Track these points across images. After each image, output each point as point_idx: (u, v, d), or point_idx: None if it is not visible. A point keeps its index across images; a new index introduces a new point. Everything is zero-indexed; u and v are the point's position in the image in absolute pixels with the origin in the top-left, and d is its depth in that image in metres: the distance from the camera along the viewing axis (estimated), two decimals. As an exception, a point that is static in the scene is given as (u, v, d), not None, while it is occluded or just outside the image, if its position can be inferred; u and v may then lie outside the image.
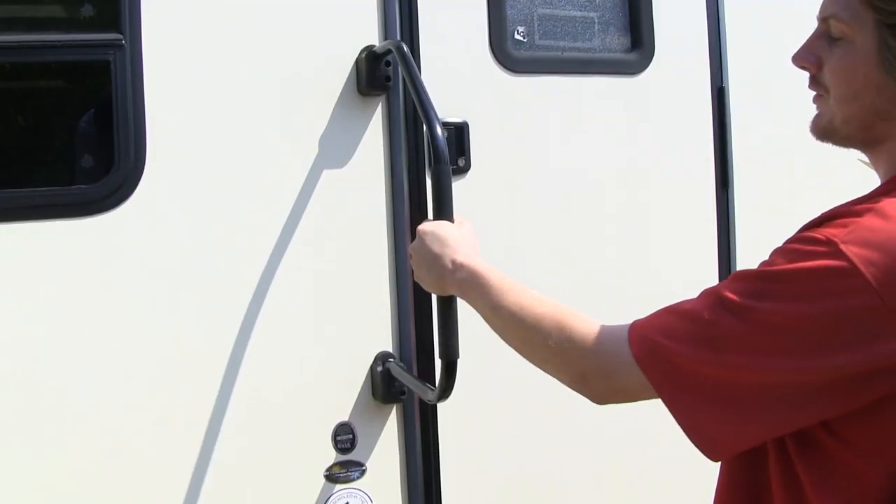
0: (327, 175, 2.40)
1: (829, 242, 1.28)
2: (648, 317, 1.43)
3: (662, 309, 1.43)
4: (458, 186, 2.42)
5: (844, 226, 1.30)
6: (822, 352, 1.27)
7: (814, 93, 1.45)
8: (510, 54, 2.59)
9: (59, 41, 2.19)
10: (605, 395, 1.51)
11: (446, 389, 1.98)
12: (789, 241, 1.35)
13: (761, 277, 1.33)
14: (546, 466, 2.63)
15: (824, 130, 1.44)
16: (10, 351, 2.13)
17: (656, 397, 1.39)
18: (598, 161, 2.69)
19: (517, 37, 2.63)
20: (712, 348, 1.32)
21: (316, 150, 2.40)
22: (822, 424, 1.32)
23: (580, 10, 2.71)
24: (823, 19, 1.40)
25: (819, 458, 1.34)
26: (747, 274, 1.35)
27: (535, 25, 2.66)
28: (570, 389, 1.58)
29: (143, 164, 2.22)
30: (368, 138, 2.45)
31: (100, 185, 2.21)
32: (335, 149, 2.42)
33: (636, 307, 1.53)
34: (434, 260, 1.80)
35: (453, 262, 1.77)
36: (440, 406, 2.47)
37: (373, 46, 2.43)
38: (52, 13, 2.40)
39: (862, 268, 1.25)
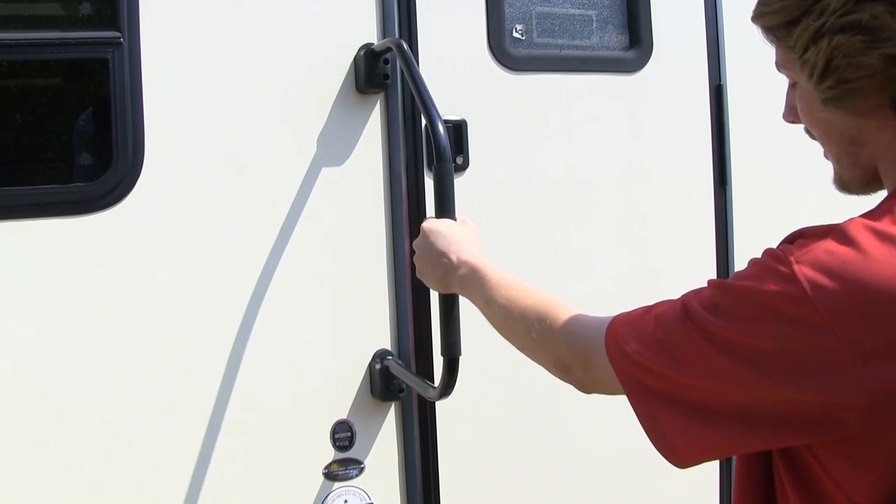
0: (326, 173, 2.40)
1: (785, 262, 1.21)
2: (629, 313, 1.42)
3: (642, 308, 1.41)
4: (457, 184, 2.42)
5: (806, 245, 1.23)
6: (770, 378, 1.21)
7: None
8: (508, 52, 2.60)
9: (58, 39, 2.19)
10: (588, 384, 1.51)
11: (448, 387, 1.98)
12: (763, 253, 1.30)
13: (721, 289, 1.28)
14: (544, 464, 2.64)
15: (840, 184, 1.38)
16: (7, 349, 2.13)
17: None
18: (596, 159, 2.70)
19: (515, 35, 2.63)
20: (672, 356, 1.29)
21: (314, 148, 2.40)
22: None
23: (578, 8, 2.71)
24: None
25: (798, 472, 1.31)
26: (713, 284, 1.31)
27: (534, 23, 2.66)
28: (568, 389, 1.59)
29: (142, 162, 2.22)
30: (367, 136, 2.45)
31: (98, 183, 2.21)
32: (334, 146, 2.42)
33: (634, 305, 1.53)
34: (438, 257, 1.80)
35: (458, 260, 1.77)
36: (438, 404, 2.47)
37: (371, 44, 2.43)
38: (51, 11, 2.39)
39: (811, 293, 1.17)
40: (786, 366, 1.20)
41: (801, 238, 1.28)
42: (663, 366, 1.30)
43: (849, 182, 1.36)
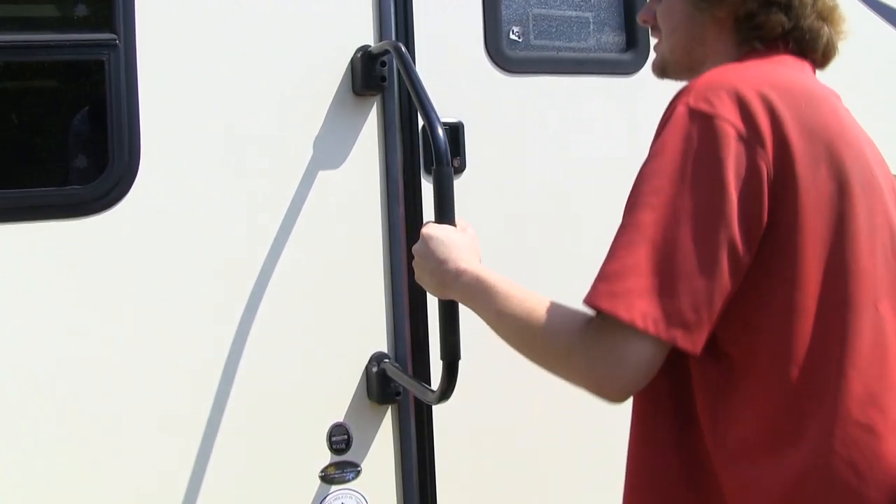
0: (322, 175, 2.40)
1: (681, 109, 1.43)
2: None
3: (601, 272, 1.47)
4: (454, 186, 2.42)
5: (686, 92, 1.46)
6: (719, 199, 1.36)
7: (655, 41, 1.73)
8: (505, 54, 2.59)
9: (54, 41, 2.18)
10: (624, 385, 1.43)
11: (447, 390, 1.97)
12: (651, 149, 1.48)
13: (644, 167, 1.45)
14: (541, 467, 2.64)
15: (660, 67, 1.71)
16: (4, 352, 2.12)
17: (660, 348, 1.37)
18: (594, 161, 2.69)
19: (512, 37, 2.63)
20: (639, 234, 1.39)
21: (311, 151, 2.39)
22: None
23: (575, 10, 2.71)
24: None
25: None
26: (641, 177, 1.46)
27: (530, 25, 2.66)
28: (566, 392, 1.57)
29: (138, 164, 2.22)
30: (363, 138, 2.45)
31: (94, 186, 2.20)
32: (330, 149, 2.41)
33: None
34: (438, 264, 1.77)
35: (457, 269, 1.74)
36: (435, 407, 2.47)
37: (368, 46, 2.42)
38: (47, 12, 2.39)
39: (719, 111, 1.39)
40: (722, 181, 1.36)
41: (673, 99, 1.49)
42: (634, 256, 1.38)
43: (671, 67, 1.69)
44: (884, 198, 1.50)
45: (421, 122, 2.38)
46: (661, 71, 1.73)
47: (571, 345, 1.46)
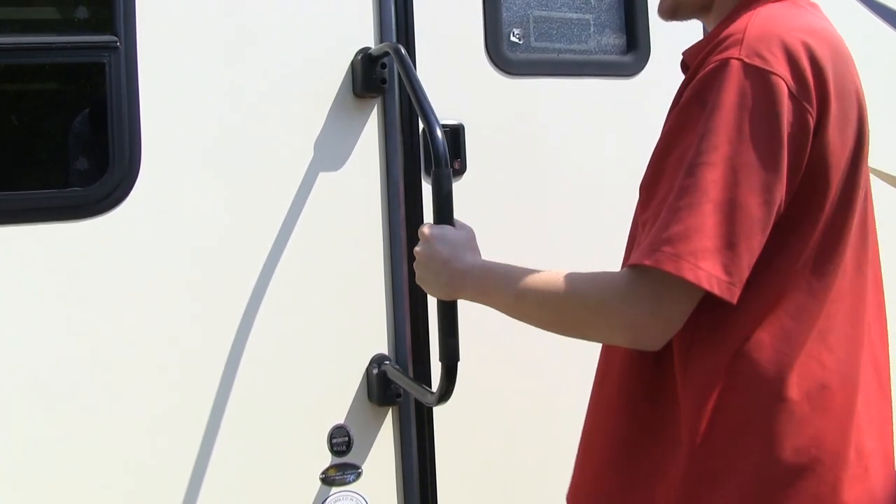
0: (323, 177, 2.40)
1: (728, 56, 1.41)
2: (638, 247, 1.46)
3: (649, 232, 1.45)
4: (454, 188, 2.42)
5: (738, 42, 1.43)
6: (774, 152, 1.38)
7: None
8: (506, 56, 2.59)
9: (54, 43, 2.19)
10: (664, 331, 1.45)
11: (446, 392, 1.97)
12: (691, 92, 1.46)
13: (693, 120, 1.43)
14: (543, 469, 2.63)
15: (671, 8, 1.71)
16: (4, 355, 2.12)
17: (693, 294, 1.41)
18: (594, 163, 2.69)
19: (513, 39, 2.63)
20: (701, 194, 1.38)
21: (311, 153, 2.39)
22: None
23: (576, 12, 2.71)
24: None
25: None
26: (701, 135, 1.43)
27: (531, 27, 2.66)
28: (566, 393, 1.57)
29: (139, 166, 2.22)
30: (364, 141, 2.45)
31: (95, 188, 2.20)
32: (331, 151, 2.41)
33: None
34: (444, 264, 1.76)
35: (464, 265, 1.73)
36: (436, 408, 2.47)
37: (368, 48, 2.42)
38: (48, 14, 2.39)
39: (774, 66, 1.39)
40: (778, 137, 1.39)
41: (720, 47, 1.46)
42: (687, 220, 1.37)
43: (683, 7, 1.70)
44: (867, 159, 1.55)
45: (421, 125, 2.39)
46: (672, 12, 1.72)
47: (607, 299, 1.47)
